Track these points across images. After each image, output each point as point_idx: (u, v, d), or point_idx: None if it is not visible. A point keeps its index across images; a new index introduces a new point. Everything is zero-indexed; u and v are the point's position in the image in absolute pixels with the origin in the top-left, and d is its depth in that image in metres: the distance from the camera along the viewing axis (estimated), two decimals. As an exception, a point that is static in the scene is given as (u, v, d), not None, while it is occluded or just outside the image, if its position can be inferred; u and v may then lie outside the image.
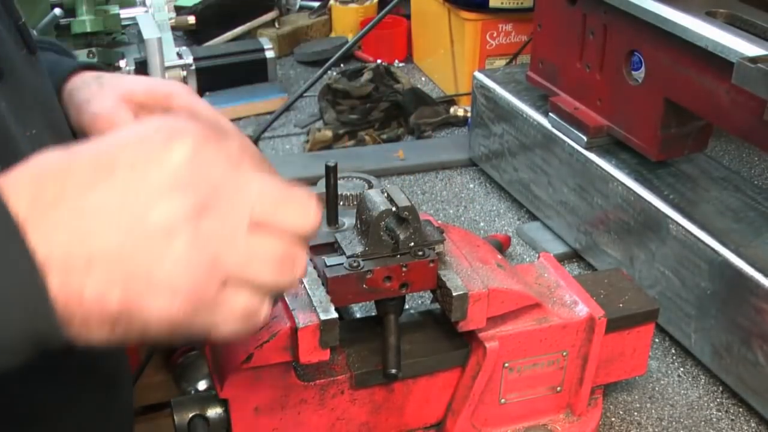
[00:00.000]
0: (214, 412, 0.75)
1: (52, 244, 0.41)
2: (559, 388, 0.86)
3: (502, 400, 0.84)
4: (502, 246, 1.18)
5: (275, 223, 0.47)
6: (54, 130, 0.72)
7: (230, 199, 0.45)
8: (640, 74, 1.04)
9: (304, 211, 0.48)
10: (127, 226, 0.43)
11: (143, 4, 1.85)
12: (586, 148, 1.12)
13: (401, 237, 0.74)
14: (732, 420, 0.93)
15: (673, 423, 0.93)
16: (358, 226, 0.76)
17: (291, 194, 0.48)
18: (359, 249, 0.74)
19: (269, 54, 1.70)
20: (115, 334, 0.44)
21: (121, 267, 0.42)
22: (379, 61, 1.70)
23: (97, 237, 0.42)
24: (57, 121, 0.75)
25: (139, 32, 1.62)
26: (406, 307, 0.83)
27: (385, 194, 0.75)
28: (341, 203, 0.83)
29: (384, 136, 1.51)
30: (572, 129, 1.14)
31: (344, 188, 0.85)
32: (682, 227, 0.96)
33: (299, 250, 0.48)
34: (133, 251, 0.43)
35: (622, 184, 1.05)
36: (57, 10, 1.64)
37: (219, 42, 1.86)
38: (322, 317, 0.70)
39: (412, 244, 0.74)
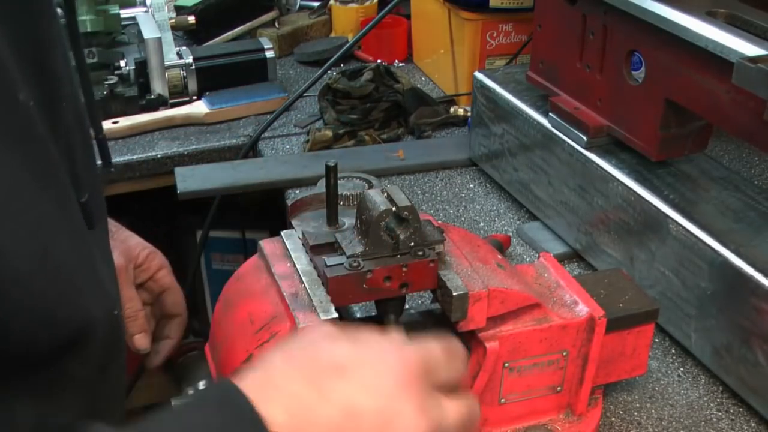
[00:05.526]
0: (214, 412, 0.75)
1: None
2: (559, 388, 0.86)
3: (502, 400, 0.84)
4: (502, 246, 1.18)
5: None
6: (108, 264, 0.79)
7: None
8: (640, 74, 1.04)
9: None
10: None
11: (143, 4, 1.85)
12: (586, 148, 1.12)
13: (401, 237, 0.74)
14: (732, 420, 0.93)
15: (673, 423, 0.93)
16: (358, 226, 0.76)
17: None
18: (359, 249, 0.74)
19: (269, 54, 1.70)
20: None
21: None
22: (379, 61, 1.70)
23: None
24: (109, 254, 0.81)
25: (139, 32, 1.62)
26: (406, 307, 0.83)
27: (385, 194, 0.75)
28: (341, 203, 0.83)
29: (384, 136, 1.51)
30: (572, 129, 1.14)
31: (344, 188, 0.85)
32: (682, 227, 0.96)
33: None
34: None
35: (622, 184, 1.05)
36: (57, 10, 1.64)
37: (219, 42, 1.86)
38: (322, 317, 0.70)
39: (412, 244, 0.74)
